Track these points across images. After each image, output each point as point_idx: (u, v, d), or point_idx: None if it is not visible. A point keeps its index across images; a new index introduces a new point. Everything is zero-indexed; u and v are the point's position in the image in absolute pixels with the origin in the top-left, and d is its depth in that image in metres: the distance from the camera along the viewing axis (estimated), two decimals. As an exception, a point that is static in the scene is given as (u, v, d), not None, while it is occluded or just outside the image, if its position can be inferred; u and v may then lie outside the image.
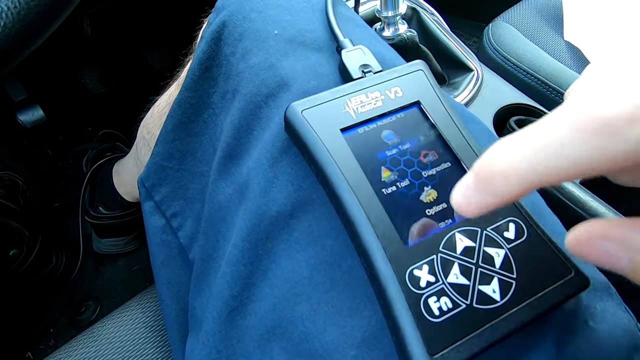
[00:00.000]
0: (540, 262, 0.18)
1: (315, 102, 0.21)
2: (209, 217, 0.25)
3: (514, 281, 0.18)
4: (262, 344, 0.20)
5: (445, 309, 0.17)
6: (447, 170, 0.20)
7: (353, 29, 0.27)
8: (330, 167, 0.19)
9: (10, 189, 0.67)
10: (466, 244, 0.18)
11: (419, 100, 0.22)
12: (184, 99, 0.27)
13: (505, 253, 0.18)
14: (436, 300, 0.17)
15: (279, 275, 0.20)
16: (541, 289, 0.17)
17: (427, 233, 0.18)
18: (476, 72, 0.48)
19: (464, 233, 0.18)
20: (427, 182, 0.20)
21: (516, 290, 0.17)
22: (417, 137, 0.21)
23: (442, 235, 0.18)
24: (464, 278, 0.17)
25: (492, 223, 0.19)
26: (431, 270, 0.17)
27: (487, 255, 0.18)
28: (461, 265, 0.18)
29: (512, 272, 0.18)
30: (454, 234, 0.18)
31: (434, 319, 0.16)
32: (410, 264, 0.17)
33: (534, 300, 0.17)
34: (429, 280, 0.17)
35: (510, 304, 0.17)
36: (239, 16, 0.25)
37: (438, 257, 0.18)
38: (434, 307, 0.17)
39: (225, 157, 0.24)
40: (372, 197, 0.19)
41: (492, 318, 0.17)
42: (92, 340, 0.32)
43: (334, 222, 0.20)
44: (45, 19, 0.22)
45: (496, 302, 0.17)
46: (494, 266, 0.18)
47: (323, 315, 0.19)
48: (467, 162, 0.20)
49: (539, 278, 0.18)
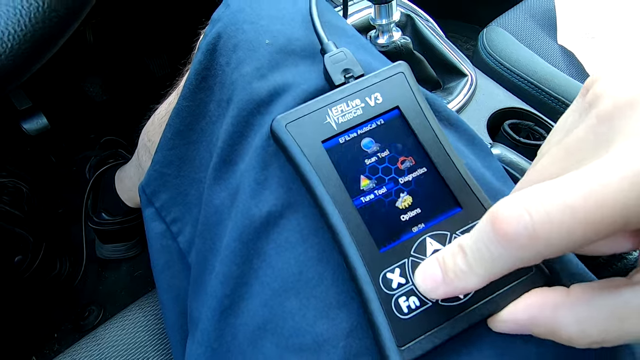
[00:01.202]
0: None
1: (298, 114, 0.22)
2: (205, 221, 0.25)
3: None
4: (254, 340, 0.20)
5: (413, 307, 0.18)
6: (423, 175, 0.21)
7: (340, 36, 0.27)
8: (312, 179, 0.20)
9: (15, 196, 0.69)
10: (435, 247, 0.20)
11: (398, 106, 0.22)
12: (182, 107, 0.28)
13: None
14: (405, 299, 0.18)
15: (270, 273, 0.21)
16: (502, 286, 0.19)
17: (400, 238, 0.20)
18: (470, 77, 0.48)
19: (434, 237, 0.20)
20: (403, 189, 0.21)
21: (479, 289, 0.18)
22: (395, 143, 0.22)
23: (414, 240, 0.20)
24: None
25: (461, 226, 0.20)
26: (402, 273, 0.19)
27: None
28: None
29: None
30: (425, 239, 0.20)
31: (403, 316, 0.18)
32: (384, 268, 0.19)
33: (495, 297, 0.18)
34: (399, 282, 0.19)
35: (472, 301, 0.18)
36: (232, 28, 0.26)
37: (409, 260, 0.19)
38: (404, 306, 0.18)
39: (220, 163, 0.25)
40: (350, 207, 0.20)
41: (454, 314, 0.18)
42: (95, 344, 0.33)
43: (321, 221, 0.21)
44: (50, 40, 0.23)
45: (459, 300, 0.19)
46: None
47: (313, 309, 0.20)
48: (441, 168, 0.21)
49: (501, 277, 0.19)
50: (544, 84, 0.51)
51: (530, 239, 0.12)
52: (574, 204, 0.12)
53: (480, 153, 0.26)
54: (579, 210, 0.12)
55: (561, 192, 0.12)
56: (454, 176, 0.21)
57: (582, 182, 0.12)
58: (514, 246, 0.13)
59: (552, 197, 0.12)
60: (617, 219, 0.12)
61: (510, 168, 0.32)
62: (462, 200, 0.20)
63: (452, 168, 0.21)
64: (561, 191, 0.12)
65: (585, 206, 0.12)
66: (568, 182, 0.12)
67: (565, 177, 0.13)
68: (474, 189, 0.21)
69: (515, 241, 0.13)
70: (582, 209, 0.12)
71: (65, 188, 0.77)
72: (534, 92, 0.51)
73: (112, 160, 0.70)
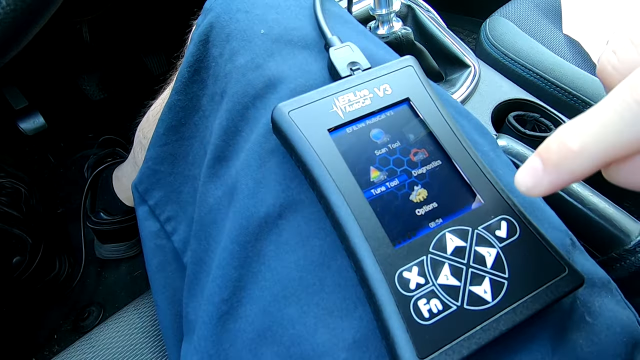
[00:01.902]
0: (533, 261, 0.18)
1: (302, 102, 0.20)
2: (200, 220, 0.24)
3: (506, 281, 0.17)
4: (253, 348, 0.19)
5: (435, 311, 0.16)
6: (438, 168, 0.20)
7: (341, 25, 0.26)
8: (318, 169, 0.19)
9: (13, 197, 0.68)
10: (457, 244, 0.18)
11: (409, 97, 0.21)
12: (175, 102, 0.27)
13: (497, 252, 0.18)
14: (426, 302, 0.16)
15: (269, 277, 0.20)
16: (534, 289, 0.17)
17: (416, 233, 0.18)
18: (473, 68, 0.47)
19: (454, 233, 0.18)
20: (416, 181, 0.19)
21: (508, 291, 0.17)
22: (407, 135, 0.21)
23: (432, 235, 0.18)
24: (455, 279, 0.17)
25: (483, 222, 0.18)
26: (421, 272, 0.17)
27: (478, 255, 0.18)
28: (452, 265, 0.17)
29: (504, 271, 0.17)
30: (444, 234, 0.18)
31: (424, 322, 0.16)
32: (400, 266, 0.17)
33: (526, 300, 0.17)
34: (418, 282, 0.17)
35: (502, 305, 0.17)
36: (225, 17, 0.25)
37: (428, 258, 0.17)
38: (424, 310, 0.16)
39: (214, 160, 0.24)
40: (360, 198, 0.18)
41: (483, 320, 0.16)
42: (89, 346, 0.32)
43: (322, 222, 0.20)
44: (21, 26, 0.22)
45: (487, 303, 0.17)
46: (485, 266, 0.17)
47: (313, 317, 0.19)
48: (458, 160, 0.20)
49: (532, 277, 0.17)
50: (550, 74, 0.49)
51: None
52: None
53: (491, 144, 0.25)
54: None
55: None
56: (472, 168, 0.20)
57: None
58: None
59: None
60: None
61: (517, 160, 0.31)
62: (482, 194, 0.19)
63: (469, 160, 0.20)
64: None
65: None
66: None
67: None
68: (493, 181, 0.20)
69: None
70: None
71: (64, 188, 0.76)
72: (539, 83, 0.50)
73: (110, 159, 0.69)
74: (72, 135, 0.80)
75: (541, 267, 0.18)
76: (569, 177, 0.13)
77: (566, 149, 0.13)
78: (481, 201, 0.19)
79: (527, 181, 0.14)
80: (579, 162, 0.13)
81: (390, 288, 0.16)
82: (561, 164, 0.13)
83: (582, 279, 0.17)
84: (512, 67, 0.52)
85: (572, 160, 0.13)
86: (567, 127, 0.13)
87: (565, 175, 0.13)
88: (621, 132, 0.12)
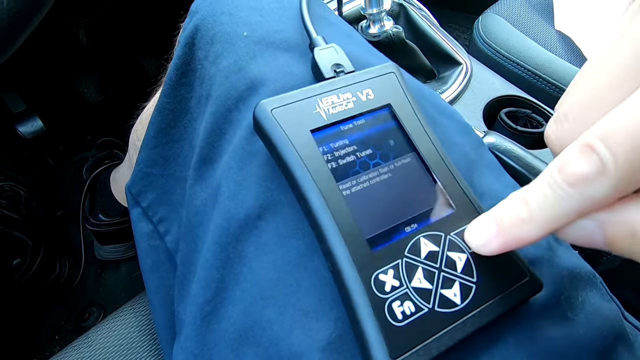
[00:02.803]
0: (498, 267, 0.18)
1: (285, 101, 0.21)
2: (187, 222, 0.25)
3: (474, 285, 0.18)
4: (235, 348, 0.20)
5: (408, 313, 0.17)
6: (415, 175, 0.20)
7: (326, 27, 0.26)
8: (299, 169, 0.19)
9: (13, 200, 0.69)
10: (430, 248, 0.18)
11: (390, 104, 0.22)
12: (164, 105, 0.28)
13: (467, 258, 0.18)
14: (400, 304, 0.17)
15: (250, 278, 0.20)
16: (498, 293, 0.18)
17: (392, 237, 0.18)
18: (465, 66, 0.47)
19: (428, 238, 0.19)
20: (395, 187, 0.20)
21: (475, 294, 0.17)
22: (387, 141, 0.21)
23: (408, 239, 0.18)
24: (427, 282, 0.17)
25: (455, 228, 0.19)
26: (396, 275, 0.17)
27: (449, 259, 0.18)
28: (425, 269, 0.18)
29: (472, 276, 0.18)
30: (419, 239, 0.18)
31: (397, 323, 0.16)
32: (376, 269, 0.17)
33: (492, 303, 0.17)
34: (393, 285, 0.17)
35: (470, 307, 0.17)
36: (210, 20, 0.25)
37: (403, 261, 0.18)
38: (398, 312, 0.17)
39: (200, 162, 0.24)
40: (339, 200, 0.19)
41: (452, 321, 0.17)
42: (86, 346, 0.33)
43: (301, 223, 0.20)
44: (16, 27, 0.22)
45: (457, 306, 0.17)
46: (455, 270, 0.18)
47: (289, 318, 0.19)
48: (434, 168, 0.20)
49: (497, 281, 0.18)
50: (541, 70, 0.49)
51: (599, 178, 0.12)
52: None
53: (473, 143, 0.25)
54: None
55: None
56: (447, 177, 0.20)
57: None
58: (583, 187, 0.12)
59: (630, 126, 0.11)
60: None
61: (505, 156, 0.31)
62: (454, 201, 0.20)
63: (445, 169, 0.20)
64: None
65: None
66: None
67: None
68: (465, 189, 0.20)
69: (584, 181, 0.12)
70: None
71: (63, 190, 0.77)
72: (531, 79, 0.50)
73: (108, 161, 0.70)
74: (70, 137, 0.81)
75: (506, 272, 0.18)
76: (519, 243, 0.15)
77: (516, 217, 0.14)
78: (453, 208, 0.20)
79: (477, 240, 0.16)
80: (527, 230, 0.14)
81: (366, 290, 0.17)
82: (511, 230, 0.14)
83: (540, 284, 0.18)
84: (504, 64, 0.52)
85: (522, 228, 0.14)
86: (517, 195, 0.14)
87: (515, 240, 0.15)
88: (558, 206, 0.13)
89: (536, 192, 0.14)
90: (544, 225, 0.14)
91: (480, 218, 0.16)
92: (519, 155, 0.31)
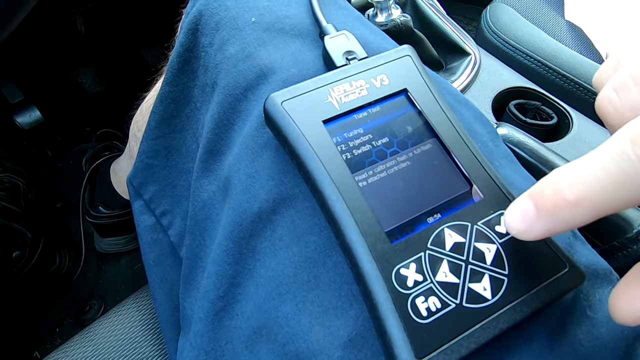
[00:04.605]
0: (533, 257, 0.17)
1: (296, 92, 0.20)
2: (194, 216, 0.24)
3: (506, 278, 0.17)
4: (249, 345, 0.19)
5: (433, 310, 0.16)
6: (437, 162, 0.19)
7: (336, 11, 0.25)
8: (312, 162, 0.18)
9: (12, 192, 0.68)
10: (455, 239, 0.17)
11: (406, 88, 0.21)
12: (165, 94, 0.27)
13: (497, 248, 0.17)
14: (424, 300, 0.16)
15: (264, 274, 0.19)
16: (534, 286, 0.16)
17: (414, 229, 0.17)
18: (473, 56, 0.46)
19: (453, 228, 0.17)
20: (415, 176, 0.19)
21: (508, 288, 0.16)
22: (405, 127, 0.20)
23: (430, 231, 0.17)
24: (454, 276, 0.16)
25: (483, 217, 0.18)
26: (419, 269, 0.16)
27: (477, 251, 0.17)
28: (450, 262, 0.17)
29: (504, 268, 0.17)
30: (443, 230, 0.17)
31: (422, 320, 0.15)
32: (397, 263, 0.16)
33: (527, 297, 0.16)
34: (416, 280, 0.16)
35: (502, 302, 0.16)
36: (214, 4, 0.24)
37: (426, 254, 0.17)
38: (422, 308, 0.16)
39: (206, 154, 0.23)
40: (356, 193, 0.18)
41: (482, 318, 0.16)
42: (89, 340, 0.32)
43: (317, 217, 0.20)
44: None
45: (487, 301, 0.16)
46: (484, 263, 0.17)
47: (308, 314, 0.18)
48: (457, 153, 0.19)
49: (532, 274, 0.17)
50: (551, 61, 0.48)
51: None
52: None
53: (490, 134, 0.25)
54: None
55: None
56: (471, 162, 0.19)
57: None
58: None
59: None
60: None
61: (518, 148, 0.30)
62: (481, 188, 0.18)
63: (469, 153, 0.19)
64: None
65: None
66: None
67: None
68: (492, 175, 0.19)
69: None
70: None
71: (62, 182, 0.76)
72: (541, 70, 0.49)
73: (107, 153, 0.69)
74: (69, 128, 0.80)
75: (541, 263, 0.17)
76: (564, 227, 0.13)
77: (561, 199, 0.12)
78: (480, 195, 0.18)
79: (518, 226, 0.14)
80: (574, 214, 0.12)
81: (387, 285, 0.16)
82: (556, 213, 0.13)
83: (583, 275, 0.17)
84: (513, 55, 0.51)
85: (568, 211, 0.12)
86: (562, 172, 0.13)
87: (560, 224, 0.13)
88: (620, 186, 0.11)
89: (594, 167, 0.12)
90: (598, 208, 0.12)
91: (520, 200, 0.14)
92: (533, 147, 0.30)
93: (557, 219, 0.13)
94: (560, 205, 0.12)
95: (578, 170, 0.12)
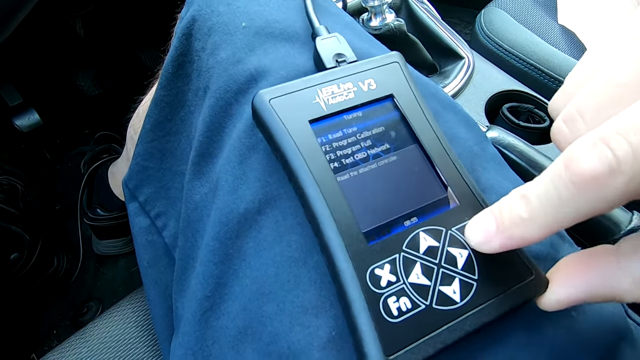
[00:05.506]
0: (502, 264, 0.18)
1: (284, 90, 0.20)
2: (187, 217, 0.24)
3: (475, 282, 0.17)
4: (235, 345, 0.19)
5: (404, 310, 0.16)
6: (417, 168, 0.20)
7: (326, 17, 0.26)
8: (296, 160, 0.18)
9: (10, 194, 0.68)
10: (430, 243, 0.18)
11: (392, 94, 0.21)
12: (160, 97, 0.27)
13: (469, 254, 0.18)
14: (395, 300, 0.16)
15: (249, 274, 0.20)
16: (501, 291, 0.17)
17: (391, 231, 0.18)
18: (467, 60, 0.47)
19: (428, 232, 0.18)
20: (395, 180, 0.19)
21: (476, 292, 0.17)
22: (388, 132, 0.20)
23: (406, 234, 0.18)
24: (425, 278, 0.17)
25: (457, 223, 0.18)
26: (393, 270, 0.17)
27: (450, 255, 0.18)
28: (423, 265, 0.17)
29: (474, 273, 0.17)
30: (418, 233, 0.18)
31: (392, 320, 0.16)
32: (372, 263, 0.17)
33: (494, 302, 0.17)
34: (389, 280, 0.17)
35: (470, 305, 0.17)
36: (207, 10, 0.25)
37: (401, 256, 0.17)
38: (393, 308, 0.16)
39: (198, 156, 0.24)
40: (336, 192, 0.18)
41: (450, 319, 0.16)
42: (84, 341, 0.32)
43: (300, 217, 0.20)
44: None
45: (456, 303, 0.17)
46: (456, 267, 0.17)
47: (288, 314, 0.18)
48: (437, 160, 0.20)
49: (500, 280, 0.17)
50: (544, 65, 0.49)
51: (611, 177, 0.11)
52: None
53: (477, 137, 0.25)
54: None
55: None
56: (450, 170, 0.20)
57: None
58: (591, 187, 0.11)
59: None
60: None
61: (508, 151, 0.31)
62: (458, 195, 0.19)
63: (448, 162, 0.20)
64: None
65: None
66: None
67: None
68: (469, 183, 0.19)
69: (593, 180, 0.11)
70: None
71: (61, 184, 0.76)
72: (534, 74, 0.49)
73: (106, 155, 0.69)
74: (68, 131, 0.80)
75: (509, 270, 0.18)
76: (519, 242, 0.14)
77: (516, 216, 0.14)
78: (456, 202, 0.19)
79: (478, 238, 0.15)
80: (528, 230, 0.13)
81: (361, 285, 0.16)
82: (511, 229, 0.14)
83: (546, 284, 0.17)
84: (507, 58, 0.51)
85: (522, 228, 0.14)
86: (518, 192, 0.14)
87: (515, 240, 0.14)
88: (559, 207, 0.12)
89: (539, 189, 0.13)
90: (546, 225, 0.13)
91: (481, 215, 0.16)
92: (522, 150, 0.30)
93: (512, 235, 0.14)
94: (516, 221, 0.14)
95: (530, 190, 0.13)
